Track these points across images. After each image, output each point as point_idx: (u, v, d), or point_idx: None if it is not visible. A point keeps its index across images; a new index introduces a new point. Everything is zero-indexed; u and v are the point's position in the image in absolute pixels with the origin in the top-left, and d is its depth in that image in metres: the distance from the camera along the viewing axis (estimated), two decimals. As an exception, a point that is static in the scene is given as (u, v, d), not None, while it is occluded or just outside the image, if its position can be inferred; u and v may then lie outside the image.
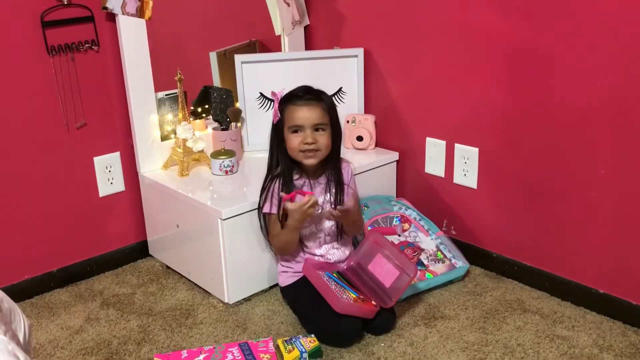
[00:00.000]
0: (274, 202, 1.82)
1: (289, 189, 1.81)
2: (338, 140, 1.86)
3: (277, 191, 1.82)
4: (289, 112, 1.80)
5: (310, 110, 1.78)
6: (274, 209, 1.83)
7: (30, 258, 2.02)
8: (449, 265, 2.01)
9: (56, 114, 1.98)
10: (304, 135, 1.77)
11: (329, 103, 1.83)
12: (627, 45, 1.63)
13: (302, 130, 1.78)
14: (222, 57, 2.40)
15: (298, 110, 1.78)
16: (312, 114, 1.78)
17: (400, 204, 2.18)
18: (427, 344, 1.72)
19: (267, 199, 1.83)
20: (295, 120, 1.78)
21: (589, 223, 1.82)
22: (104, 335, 1.82)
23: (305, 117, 1.77)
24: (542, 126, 1.85)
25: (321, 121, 1.78)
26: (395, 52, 2.19)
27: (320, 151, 1.80)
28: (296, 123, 1.78)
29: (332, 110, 1.83)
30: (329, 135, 1.81)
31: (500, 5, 1.85)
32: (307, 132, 1.77)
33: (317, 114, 1.78)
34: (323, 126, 1.79)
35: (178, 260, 2.13)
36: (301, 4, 2.37)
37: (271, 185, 1.84)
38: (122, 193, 2.19)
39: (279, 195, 1.80)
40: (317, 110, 1.78)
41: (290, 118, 1.79)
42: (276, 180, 1.83)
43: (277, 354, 1.67)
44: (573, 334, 1.74)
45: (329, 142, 1.81)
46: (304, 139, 1.77)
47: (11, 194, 1.95)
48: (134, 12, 1.99)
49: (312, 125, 1.78)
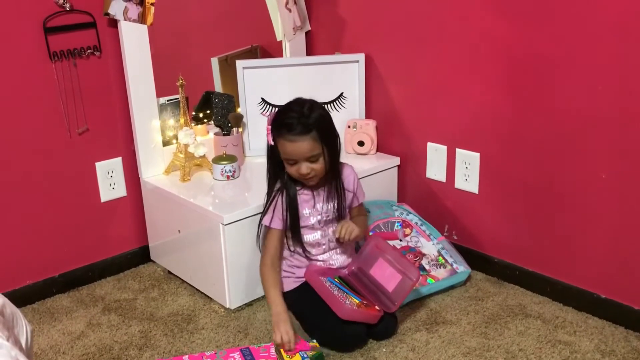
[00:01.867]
0: (275, 215, 1.82)
1: (293, 203, 1.80)
2: (336, 155, 1.81)
3: (281, 205, 1.81)
4: (281, 144, 1.75)
5: (301, 144, 1.72)
6: (274, 224, 1.82)
7: (31, 263, 2.02)
8: (451, 270, 2.01)
9: (58, 120, 1.99)
10: (299, 166, 1.74)
11: (320, 127, 1.73)
12: (628, 50, 1.63)
13: (296, 163, 1.75)
14: (223, 62, 2.41)
15: (289, 146, 1.73)
16: (303, 148, 1.72)
17: (401, 209, 2.18)
18: (428, 349, 1.72)
19: (269, 211, 1.82)
20: (288, 155, 1.74)
21: (590, 228, 1.82)
22: (106, 341, 1.82)
23: (297, 153, 1.73)
24: (543, 131, 1.85)
25: (312, 153, 1.73)
26: (396, 57, 2.19)
27: (317, 176, 1.78)
28: (289, 157, 1.75)
29: (324, 134, 1.75)
30: (324, 160, 1.76)
31: (501, 11, 1.85)
32: (301, 164, 1.74)
33: (307, 147, 1.72)
34: (316, 156, 1.74)
35: (179, 265, 2.13)
36: (302, 9, 2.38)
37: (276, 198, 1.82)
38: (123, 198, 2.19)
39: (283, 210, 1.80)
40: (307, 143, 1.72)
41: (283, 151, 1.75)
42: (280, 194, 1.82)
43: (279, 359, 1.67)
44: (575, 339, 1.74)
45: (324, 166, 1.77)
46: (299, 170, 1.75)
47: (13, 199, 1.95)
48: (135, 18, 1.99)
49: (305, 158, 1.74)
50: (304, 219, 1.82)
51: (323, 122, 1.75)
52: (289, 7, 2.30)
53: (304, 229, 1.83)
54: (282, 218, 1.81)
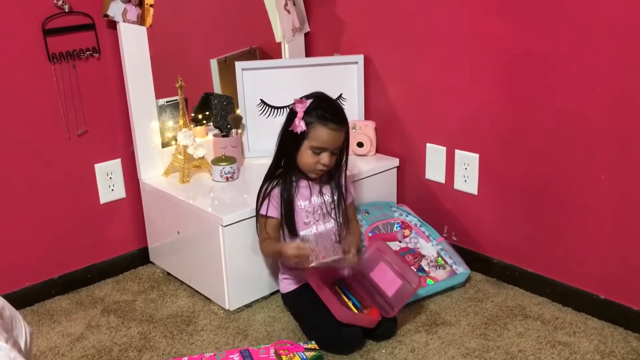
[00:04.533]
0: (271, 206, 1.82)
1: (291, 193, 1.81)
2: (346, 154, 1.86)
3: (277, 194, 1.82)
4: (317, 131, 1.74)
5: (339, 135, 1.76)
6: (270, 212, 1.82)
7: (31, 265, 2.02)
8: (450, 272, 2.01)
9: (57, 121, 1.99)
10: (323, 156, 1.76)
11: (348, 125, 1.81)
12: (627, 51, 1.63)
13: (323, 152, 1.76)
14: (222, 64, 2.41)
15: (328, 134, 1.74)
16: (338, 139, 1.76)
17: (400, 210, 2.18)
18: (428, 350, 1.72)
19: (265, 201, 1.83)
20: (322, 143, 1.74)
21: (589, 228, 1.82)
22: (105, 343, 1.82)
23: (333, 141, 1.75)
24: (543, 132, 1.85)
25: (340, 145, 1.79)
26: (395, 58, 2.19)
27: (327, 169, 1.81)
28: (322, 145, 1.75)
29: (348, 132, 1.83)
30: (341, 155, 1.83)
31: (500, 12, 1.86)
32: (327, 154, 1.76)
33: (341, 139, 1.78)
34: (339, 149, 1.80)
35: (179, 266, 2.13)
36: (301, 11, 2.38)
37: (271, 187, 1.83)
38: (123, 200, 2.19)
39: (280, 199, 1.81)
40: (342, 135, 1.78)
41: (316, 137, 1.74)
42: (277, 183, 1.83)
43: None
44: (574, 340, 1.74)
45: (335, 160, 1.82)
46: (321, 160, 1.76)
47: (12, 200, 1.95)
48: (134, 20, 1.99)
49: (334, 149, 1.77)
50: (298, 210, 1.83)
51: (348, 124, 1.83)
52: (288, 8, 2.30)
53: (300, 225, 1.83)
54: (277, 207, 1.82)
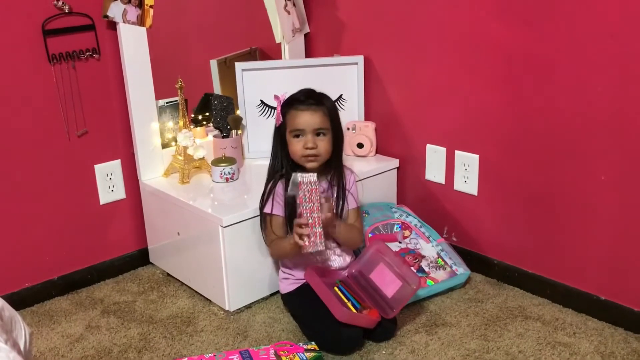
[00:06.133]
0: (275, 203, 1.83)
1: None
2: (340, 143, 1.87)
3: (280, 193, 1.82)
4: (291, 116, 1.81)
5: (312, 115, 1.79)
6: (275, 210, 1.83)
7: (30, 266, 2.02)
8: (450, 272, 2.01)
9: (57, 122, 1.99)
10: (305, 140, 1.79)
11: (331, 107, 1.83)
12: (626, 52, 1.63)
13: (303, 135, 1.79)
14: (222, 64, 2.41)
15: (299, 115, 1.79)
16: (313, 118, 1.79)
17: (400, 211, 2.18)
18: (428, 351, 1.72)
19: (269, 200, 1.84)
20: (297, 125, 1.79)
21: (590, 229, 1.82)
22: (105, 343, 1.82)
23: (306, 122, 1.79)
24: (543, 133, 1.85)
25: (322, 126, 1.80)
26: (395, 59, 2.19)
27: (320, 156, 1.81)
28: (297, 127, 1.79)
29: (334, 114, 1.83)
30: (330, 140, 1.82)
31: (500, 13, 1.86)
32: (308, 136, 1.79)
33: (318, 119, 1.79)
34: (324, 131, 1.80)
35: (179, 267, 2.13)
36: (301, 11, 2.38)
37: (274, 186, 1.84)
38: (122, 201, 2.19)
39: (284, 197, 1.80)
40: (318, 114, 1.80)
41: (292, 122, 1.80)
42: (279, 182, 1.84)
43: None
44: (574, 341, 1.74)
45: (329, 147, 1.82)
46: (305, 144, 1.79)
47: (12, 201, 1.95)
48: (134, 21, 2.00)
49: (313, 130, 1.79)
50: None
51: (333, 106, 1.85)
52: (287, 9, 2.30)
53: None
54: (282, 204, 1.82)
